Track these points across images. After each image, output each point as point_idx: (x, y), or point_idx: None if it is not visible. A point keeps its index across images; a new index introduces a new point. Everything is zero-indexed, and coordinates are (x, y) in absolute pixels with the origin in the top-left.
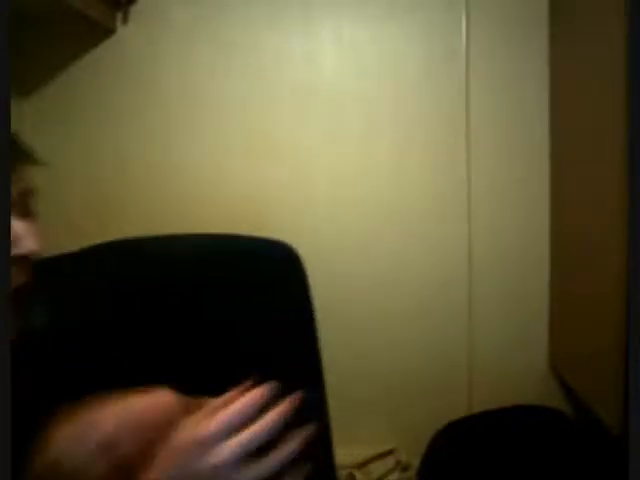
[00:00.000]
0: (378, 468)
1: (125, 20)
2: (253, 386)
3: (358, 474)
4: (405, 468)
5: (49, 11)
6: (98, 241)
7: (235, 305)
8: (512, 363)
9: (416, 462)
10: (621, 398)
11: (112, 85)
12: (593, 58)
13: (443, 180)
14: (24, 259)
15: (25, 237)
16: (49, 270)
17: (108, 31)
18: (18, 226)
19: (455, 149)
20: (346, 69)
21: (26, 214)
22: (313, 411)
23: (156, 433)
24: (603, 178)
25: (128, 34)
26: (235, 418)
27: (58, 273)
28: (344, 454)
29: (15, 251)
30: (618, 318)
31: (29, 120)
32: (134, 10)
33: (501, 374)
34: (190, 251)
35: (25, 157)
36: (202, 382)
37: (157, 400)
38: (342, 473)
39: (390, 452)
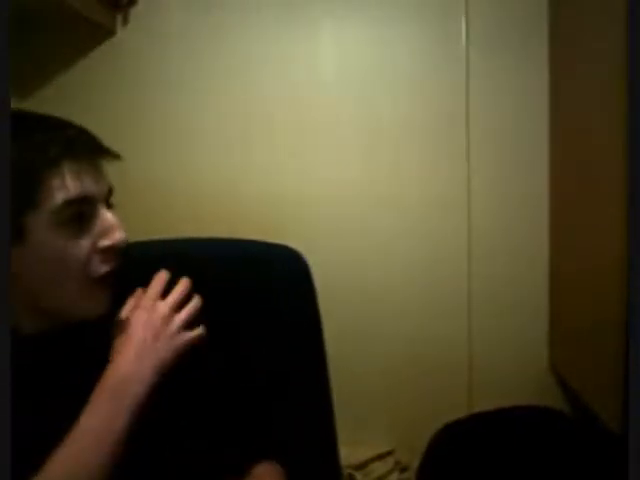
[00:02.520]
0: (377, 469)
1: (125, 22)
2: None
3: (358, 475)
4: (404, 469)
5: (49, 12)
6: None
7: (242, 308)
8: (512, 363)
9: (415, 463)
10: (621, 398)
11: (112, 86)
12: (593, 58)
13: (443, 179)
14: (114, 248)
15: (116, 228)
16: None
17: (108, 33)
18: (109, 217)
19: (455, 149)
20: (347, 71)
21: (111, 207)
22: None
23: None
24: (603, 176)
25: (128, 36)
26: (176, 300)
27: None
28: (344, 455)
29: (107, 242)
30: (618, 318)
31: None
32: (134, 12)
33: (501, 374)
34: (196, 255)
35: (106, 153)
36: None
37: None
38: (342, 474)
39: (389, 453)
